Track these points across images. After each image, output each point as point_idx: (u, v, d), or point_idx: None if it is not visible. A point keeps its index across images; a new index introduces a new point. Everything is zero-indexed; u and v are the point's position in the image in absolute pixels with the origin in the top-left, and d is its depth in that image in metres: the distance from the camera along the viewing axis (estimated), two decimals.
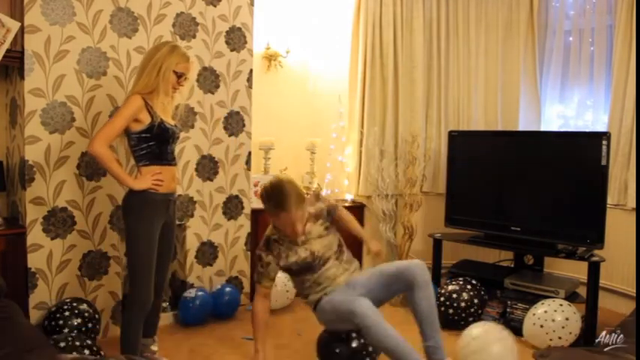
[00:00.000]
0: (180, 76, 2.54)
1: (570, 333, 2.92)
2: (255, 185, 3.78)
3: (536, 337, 2.98)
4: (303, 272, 2.58)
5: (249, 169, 3.66)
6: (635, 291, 3.51)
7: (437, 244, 3.74)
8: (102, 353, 2.49)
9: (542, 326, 2.95)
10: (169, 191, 2.55)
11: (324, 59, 4.29)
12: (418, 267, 2.45)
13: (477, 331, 2.60)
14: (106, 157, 2.40)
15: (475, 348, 2.49)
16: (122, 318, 2.55)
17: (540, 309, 3.01)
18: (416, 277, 2.42)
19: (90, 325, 2.79)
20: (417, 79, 4.17)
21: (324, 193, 4.17)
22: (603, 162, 3.13)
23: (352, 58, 4.20)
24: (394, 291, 2.54)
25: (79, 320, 2.76)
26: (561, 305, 2.99)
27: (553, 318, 2.94)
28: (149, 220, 2.46)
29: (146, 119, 2.45)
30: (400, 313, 3.26)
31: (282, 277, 3.53)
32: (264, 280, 2.62)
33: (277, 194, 2.46)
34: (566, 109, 4.13)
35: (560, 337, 2.92)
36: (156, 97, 2.49)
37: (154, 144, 2.48)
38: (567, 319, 2.93)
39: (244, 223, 3.66)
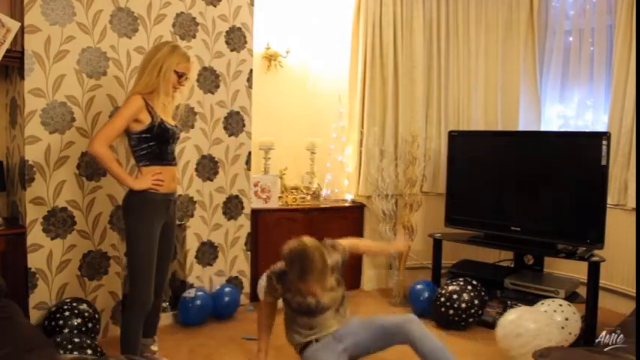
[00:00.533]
0: (180, 75, 2.54)
1: (570, 333, 2.92)
2: (255, 185, 3.78)
3: None
4: (300, 313, 2.52)
5: (249, 169, 3.66)
6: (635, 291, 3.51)
7: (437, 244, 3.74)
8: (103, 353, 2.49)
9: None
10: (169, 191, 2.55)
11: (324, 59, 4.29)
12: (410, 323, 2.37)
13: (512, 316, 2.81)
14: (106, 157, 2.40)
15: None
16: (122, 318, 2.55)
17: (540, 309, 3.01)
18: (412, 334, 2.34)
19: (90, 325, 2.79)
20: (417, 79, 4.17)
21: (324, 193, 4.17)
22: (603, 162, 3.13)
23: (352, 58, 4.19)
24: (388, 344, 2.48)
25: (79, 320, 2.76)
26: (561, 305, 2.98)
27: (552, 318, 2.93)
28: (149, 220, 2.46)
29: (146, 119, 2.44)
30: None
31: None
32: (269, 297, 2.60)
33: (300, 264, 2.30)
34: (566, 109, 4.13)
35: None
36: (156, 97, 2.48)
37: (154, 144, 2.48)
38: (567, 319, 2.93)
39: (244, 223, 3.66)
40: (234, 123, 3.57)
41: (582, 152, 3.28)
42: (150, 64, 2.48)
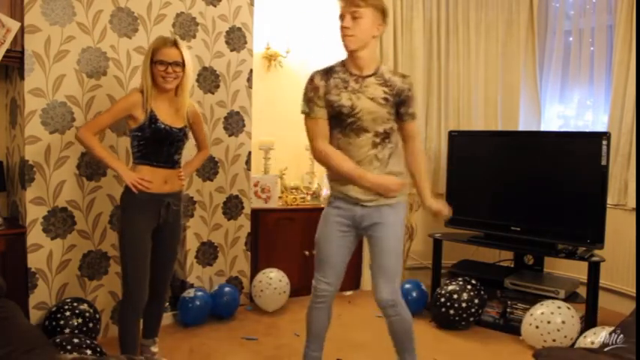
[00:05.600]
0: (161, 63, 2.37)
1: (566, 337, 2.92)
2: (255, 185, 3.78)
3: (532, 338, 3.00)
4: (335, 122, 2.26)
5: (249, 169, 3.66)
6: (635, 291, 3.50)
7: (437, 244, 3.73)
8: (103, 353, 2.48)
9: (537, 327, 2.96)
10: (162, 192, 2.46)
11: (324, 59, 4.27)
12: (387, 308, 2.33)
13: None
14: (89, 142, 2.38)
15: None
16: (118, 319, 2.55)
17: (539, 310, 3.02)
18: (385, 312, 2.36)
19: (90, 325, 2.79)
20: (417, 79, 4.16)
21: (324, 193, 4.17)
22: (603, 162, 3.13)
23: None
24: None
25: (79, 320, 2.76)
26: (559, 308, 2.99)
27: (549, 320, 2.94)
28: (136, 219, 2.41)
29: (141, 117, 2.40)
30: None
31: (274, 279, 3.54)
32: (315, 109, 2.26)
33: None
34: (566, 109, 4.13)
35: (554, 340, 2.92)
36: (155, 95, 2.43)
37: (144, 143, 2.42)
38: (564, 322, 2.93)
39: (244, 223, 3.66)
40: (234, 123, 3.57)
41: (582, 152, 3.27)
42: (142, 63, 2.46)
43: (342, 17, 2.25)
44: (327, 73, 2.32)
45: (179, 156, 2.56)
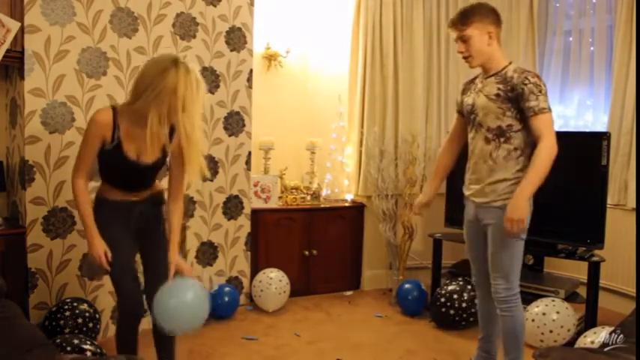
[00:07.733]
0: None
1: (562, 327, 2.96)
2: (255, 185, 3.78)
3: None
4: (467, 119, 2.53)
5: (249, 169, 3.66)
6: (635, 291, 3.51)
7: (437, 244, 3.73)
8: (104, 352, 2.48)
9: (533, 320, 3.01)
10: (130, 200, 2.30)
11: (324, 59, 4.29)
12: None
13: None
14: (77, 195, 2.23)
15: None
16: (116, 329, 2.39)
17: (534, 307, 3.07)
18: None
19: (90, 325, 2.79)
20: (417, 79, 4.17)
21: (324, 193, 4.17)
22: (603, 162, 3.13)
23: (352, 58, 4.19)
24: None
25: (79, 320, 2.76)
26: (553, 301, 3.05)
27: (544, 312, 3.00)
28: (106, 224, 2.25)
29: (108, 140, 2.21)
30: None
31: (274, 278, 3.54)
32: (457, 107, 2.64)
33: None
34: (566, 109, 4.13)
35: (551, 331, 2.95)
36: (133, 120, 2.19)
37: (107, 169, 2.29)
38: (558, 312, 2.99)
39: (244, 223, 3.66)
40: (234, 123, 3.57)
41: (582, 152, 3.27)
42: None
43: (456, 41, 2.46)
44: (473, 79, 2.59)
45: (153, 180, 2.37)
